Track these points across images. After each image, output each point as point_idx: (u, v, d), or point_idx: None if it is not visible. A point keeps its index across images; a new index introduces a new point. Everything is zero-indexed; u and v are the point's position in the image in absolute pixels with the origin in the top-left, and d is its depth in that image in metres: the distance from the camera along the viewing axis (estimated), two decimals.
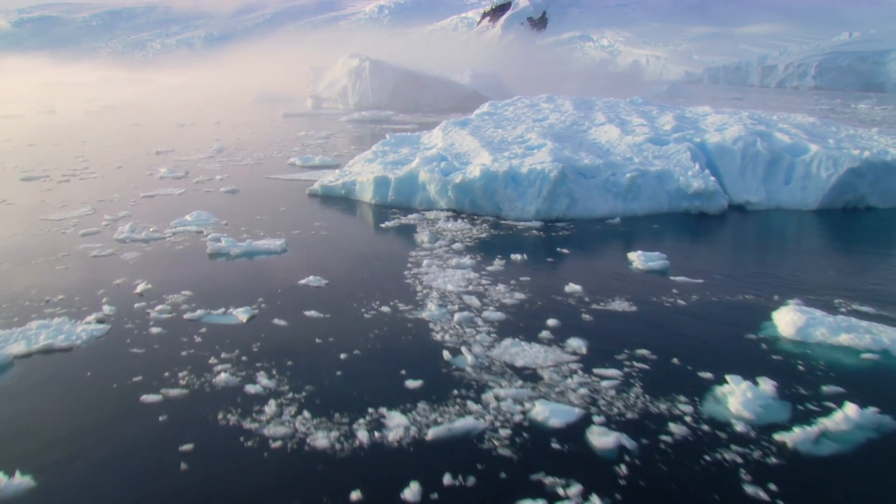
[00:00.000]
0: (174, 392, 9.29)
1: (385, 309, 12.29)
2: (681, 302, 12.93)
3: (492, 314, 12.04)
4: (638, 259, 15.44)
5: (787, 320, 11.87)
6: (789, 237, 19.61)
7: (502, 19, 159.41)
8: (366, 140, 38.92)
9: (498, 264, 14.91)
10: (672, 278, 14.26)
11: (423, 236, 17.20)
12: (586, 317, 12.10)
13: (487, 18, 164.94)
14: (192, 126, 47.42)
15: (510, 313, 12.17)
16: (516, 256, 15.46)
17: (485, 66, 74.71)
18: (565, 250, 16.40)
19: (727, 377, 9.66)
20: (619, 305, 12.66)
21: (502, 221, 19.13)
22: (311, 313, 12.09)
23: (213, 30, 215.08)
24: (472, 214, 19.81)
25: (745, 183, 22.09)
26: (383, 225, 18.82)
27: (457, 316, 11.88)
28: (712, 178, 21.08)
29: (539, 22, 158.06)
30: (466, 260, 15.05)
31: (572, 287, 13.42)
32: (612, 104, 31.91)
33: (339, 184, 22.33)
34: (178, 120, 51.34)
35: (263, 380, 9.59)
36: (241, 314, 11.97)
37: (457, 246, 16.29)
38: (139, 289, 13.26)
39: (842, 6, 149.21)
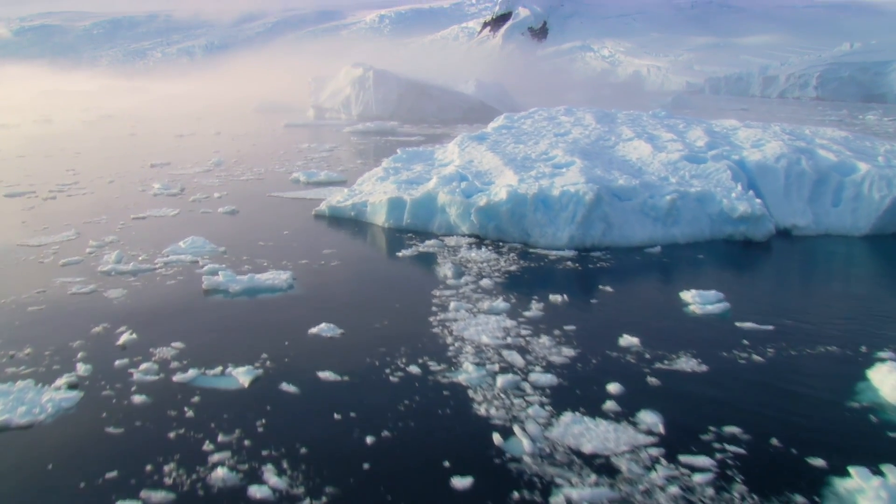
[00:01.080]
0: (158, 497, 7.19)
1: (413, 369, 10.20)
2: (756, 358, 10.88)
3: (541, 377, 9.96)
4: (693, 300, 13.43)
5: (891, 384, 9.85)
6: (850, 269, 17.61)
7: (503, 29, 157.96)
8: (371, 153, 36.92)
9: (536, 308, 12.85)
10: (737, 325, 12.23)
11: (445, 269, 15.13)
12: (652, 380, 10.04)
13: (488, 28, 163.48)
14: (191, 137, 45.37)
15: (562, 376, 10.10)
16: (555, 297, 13.41)
17: (486, 76, 72.71)
18: (608, 288, 14.33)
19: (850, 469, 7.64)
20: (687, 364, 10.61)
21: (531, 250, 17.07)
22: (326, 375, 9.99)
23: (213, 38, 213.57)
24: (497, 241, 17.75)
25: (791, 205, 20.08)
26: (400, 254, 16.72)
27: (500, 380, 9.80)
28: (758, 201, 19.08)
29: (540, 32, 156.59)
30: (500, 303, 12.98)
31: (628, 339, 11.37)
32: (635, 117, 29.94)
33: (349, 204, 20.27)
34: (177, 130, 49.31)
35: (272, 477, 7.50)
36: (241, 375, 9.88)
37: (486, 283, 14.23)
38: (122, 340, 11.16)
39: (842, 17, 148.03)
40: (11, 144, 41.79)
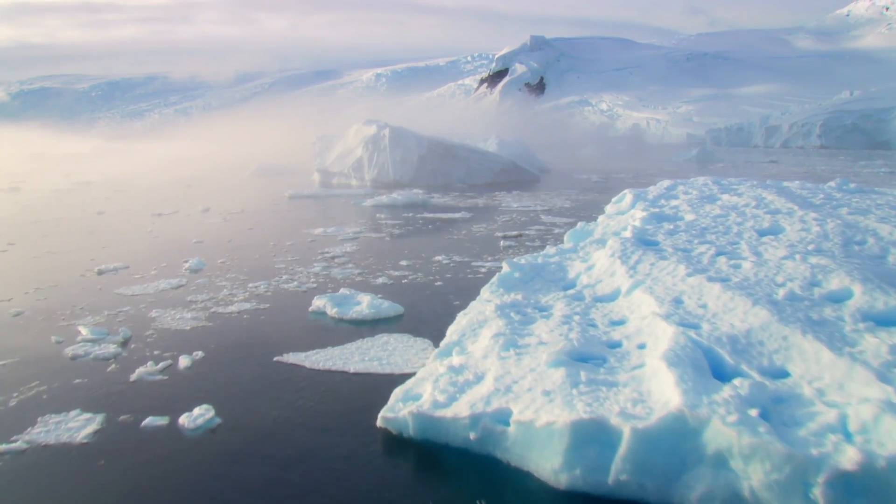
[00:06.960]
0: None
1: None
2: None
3: None
4: None
5: None
6: None
7: (500, 85, 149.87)
8: (417, 244, 25.40)
9: None
10: None
11: None
12: None
13: (485, 85, 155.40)
14: (171, 217, 33.86)
15: None
16: None
17: (490, 133, 62.51)
18: None
19: None
20: None
21: None
22: None
23: (210, 99, 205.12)
24: None
25: None
26: None
27: None
28: None
29: (537, 87, 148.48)
30: None
31: None
32: (827, 193, 19.05)
33: (464, 419, 8.81)
34: (157, 205, 37.90)
35: None
36: None
37: None
38: None
39: (836, 66, 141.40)
40: None
